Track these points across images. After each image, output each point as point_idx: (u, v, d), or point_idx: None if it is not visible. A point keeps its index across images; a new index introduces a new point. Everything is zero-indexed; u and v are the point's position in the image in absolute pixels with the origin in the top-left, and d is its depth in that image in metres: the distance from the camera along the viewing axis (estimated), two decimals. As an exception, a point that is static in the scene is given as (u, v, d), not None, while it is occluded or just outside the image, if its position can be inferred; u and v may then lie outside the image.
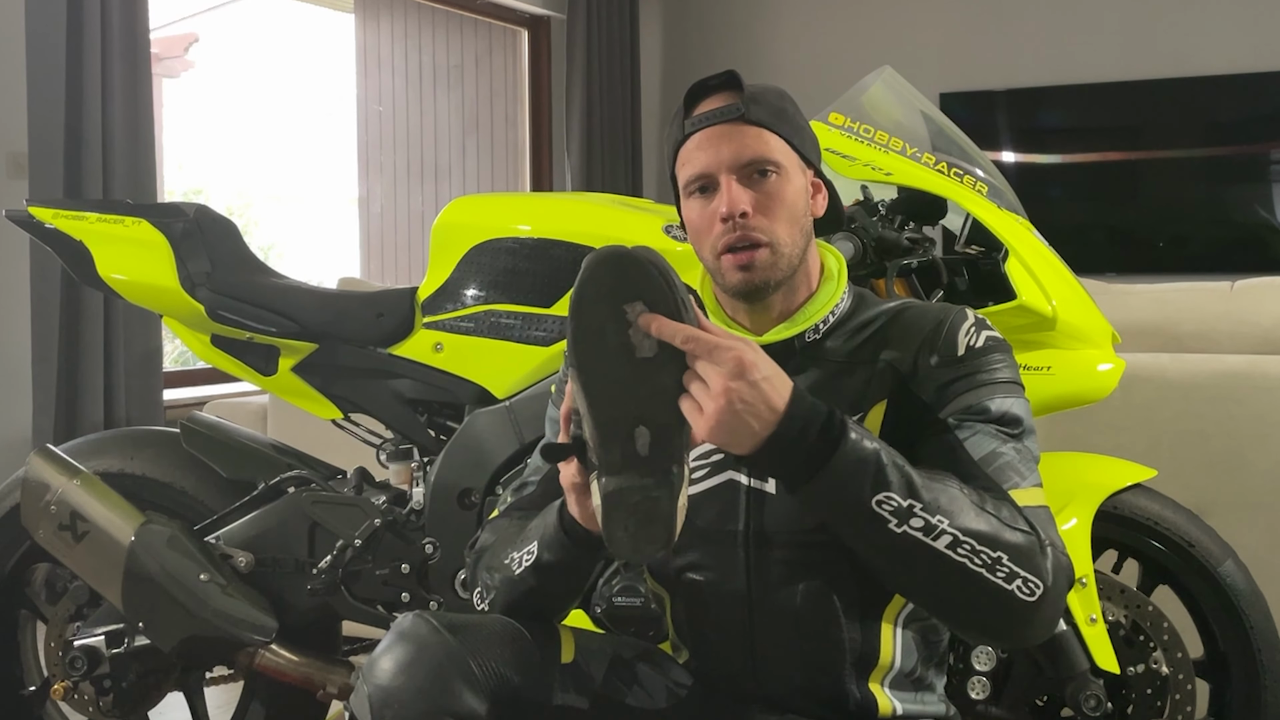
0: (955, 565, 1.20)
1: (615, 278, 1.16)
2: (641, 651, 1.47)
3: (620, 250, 1.17)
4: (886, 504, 1.19)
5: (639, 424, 1.17)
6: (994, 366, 1.36)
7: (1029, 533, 1.24)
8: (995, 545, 1.21)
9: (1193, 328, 2.64)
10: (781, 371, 1.20)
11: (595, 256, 1.17)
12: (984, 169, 1.99)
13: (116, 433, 2.24)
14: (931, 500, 1.20)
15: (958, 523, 1.20)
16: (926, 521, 1.19)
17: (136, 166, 3.86)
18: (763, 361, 1.17)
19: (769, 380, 1.17)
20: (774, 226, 1.37)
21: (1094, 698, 1.82)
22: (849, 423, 1.20)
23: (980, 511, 1.22)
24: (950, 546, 1.19)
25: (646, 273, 1.16)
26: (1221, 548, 1.92)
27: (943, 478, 1.24)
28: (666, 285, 1.16)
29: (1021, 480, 1.30)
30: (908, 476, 1.20)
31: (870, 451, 1.19)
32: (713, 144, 1.38)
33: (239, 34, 7.65)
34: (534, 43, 6.28)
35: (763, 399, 1.16)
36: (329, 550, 2.01)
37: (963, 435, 1.32)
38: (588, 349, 1.17)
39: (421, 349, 2.02)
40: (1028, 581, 1.21)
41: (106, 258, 2.07)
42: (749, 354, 1.16)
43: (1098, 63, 6.10)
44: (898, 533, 1.19)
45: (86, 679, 2.01)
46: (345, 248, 6.11)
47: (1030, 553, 1.23)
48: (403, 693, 1.28)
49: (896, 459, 1.21)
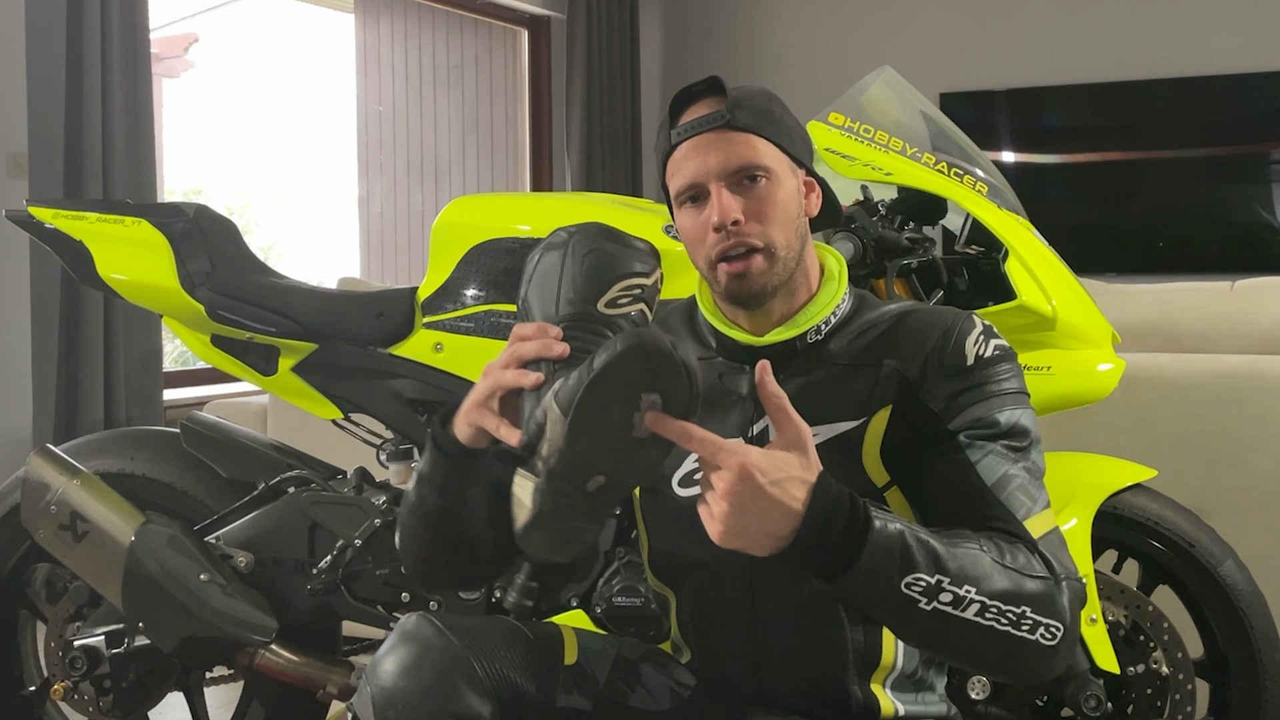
0: (983, 629, 1.20)
1: (644, 370, 1.12)
2: (644, 653, 1.47)
3: (657, 345, 1.12)
4: (916, 585, 1.17)
5: (602, 475, 1.17)
6: (1002, 377, 1.36)
7: (1046, 577, 1.24)
8: (1019, 601, 1.21)
9: (1193, 328, 2.64)
10: (799, 471, 1.15)
11: (635, 343, 1.11)
12: (984, 169, 1.99)
13: (116, 433, 2.24)
14: (958, 570, 1.19)
15: (984, 589, 1.19)
16: (955, 595, 1.18)
17: (136, 166, 3.86)
18: (772, 466, 1.13)
19: (779, 485, 1.13)
20: (767, 231, 1.36)
21: (1094, 698, 1.82)
22: (872, 511, 1.18)
23: (1002, 569, 1.22)
24: (979, 614, 1.19)
25: (676, 372, 1.12)
26: (1221, 548, 1.92)
27: (961, 537, 1.23)
28: (690, 391, 1.13)
29: (1033, 505, 1.30)
30: (933, 551, 1.19)
31: (895, 534, 1.17)
32: (700, 153, 1.37)
33: (239, 34, 7.65)
34: (534, 43, 6.28)
35: (773, 505, 1.13)
36: (329, 550, 2.01)
37: (974, 457, 1.31)
38: (589, 413, 1.14)
39: (421, 349, 2.02)
40: (1049, 628, 1.22)
41: (106, 258, 2.07)
42: (754, 459, 1.13)
43: (1098, 63, 6.10)
44: (928, 610, 1.18)
45: (86, 679, 2.01)
46: (345, 248, 6.11)
47: (1049, 598, 1.23)
48: (406, 694, 1.28)
49: (919, 534, 1.19)
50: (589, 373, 1.12)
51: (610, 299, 1.27)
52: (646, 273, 1.32)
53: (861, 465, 1.38)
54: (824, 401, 1.39)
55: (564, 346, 1.23)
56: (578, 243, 1.31)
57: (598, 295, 1.27)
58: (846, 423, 1.38)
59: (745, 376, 1.42)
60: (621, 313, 1.28)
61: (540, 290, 1.30)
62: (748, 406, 1.41)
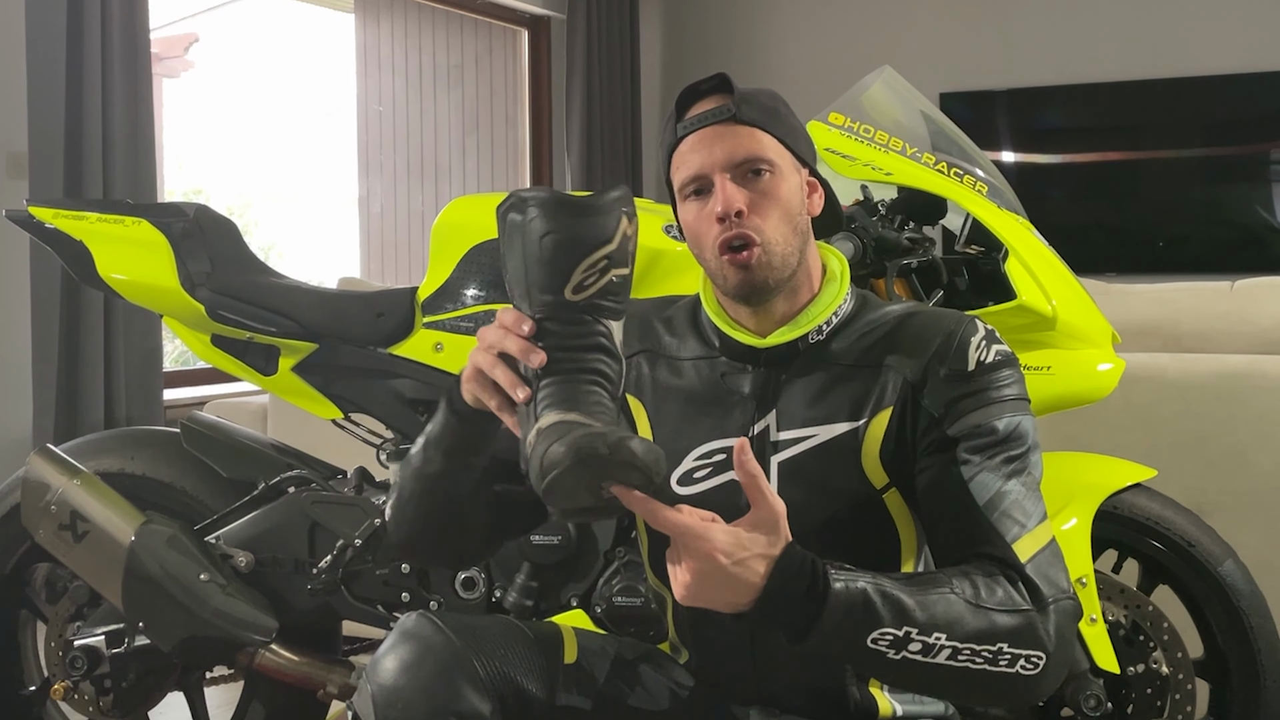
0: (958, 670, 1.22)
1: (592, 475, 1.13)
2: (643, 652, 1.47)
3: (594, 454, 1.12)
4: (882, 639, 1.20)
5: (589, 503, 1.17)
6: (1003, 383, 1.36)
7: (1026, 609, 1.25)
8: (995, 639, 1.23)
9: (1193, 328, 2.64)
10: (764, 548, 1.18)
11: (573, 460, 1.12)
12: (984, 169, 1.99)
13: (116, 433, 2.24)
14: (927, 620, 1.21)
15: (956, 633, 1.22)
16: (924, 643, 1.21)
17: (136, 166, 3.86)
18: (737, 548, 1.16)
19: (742, 564, 1.17)
20: (769, 225, 1.37)
21: (1094, 698, 1.82)
22: (832, 575, 1.20)
23: (976, 609, 1.23)
24: (951, 657, 1.22)
25: (624, 470, 1.13)
26: (1221, 548, 1.92)
27: (934, 582, 1.24)
28: (644, 479, 1.14)
29: (1027, 521, 1.30)
30: (899, 605, 1.21)
31: (857, 594, 1.20)
32: (706, 145, 1.38)
33: (239, 34, 7.65)
34: (534, 43, 6.28)
35: (735, 580, 1.17)
36: (329, 550, 2.01)
37: (968, 474, 1.32)
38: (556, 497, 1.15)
39: (422, 349, 2.02)
40: (1030, 658, 1.24)
41: (106, 258, 2.07)
42: (719, 543, 1.16)
43: (1098, 63, 6.10)
44: (897, 659, 1.21)
45: (86, 679, 2.01)
46: (345, 248, 6.10)
47: (1029, 630, 1.24)
48: (407, 692, 1.29)
49: (886, 588, 1.21)
50: (541, 478, 1.14)
51: (576, 284, 1.23)
52: (609, 237, 1.24)
53: (861, 467, 1.38)
54: (824, 402, 1.39)
55: (541, 356, 1.21)
56: (533, 225, 1.23)
57: (562, 284, 1.23)
58: (847, 424, 1.38)
59: (748, 376, 1.42)
60: (591, 293, 1.23)
61: (514, 280, 1.27)
62: (749, 406, 1.41)
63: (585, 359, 1.23)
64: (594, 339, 1.24)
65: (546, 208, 1.23)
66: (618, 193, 1.27)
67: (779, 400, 1.41)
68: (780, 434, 1.40)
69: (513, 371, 1.24)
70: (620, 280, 1.26)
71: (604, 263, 1.23)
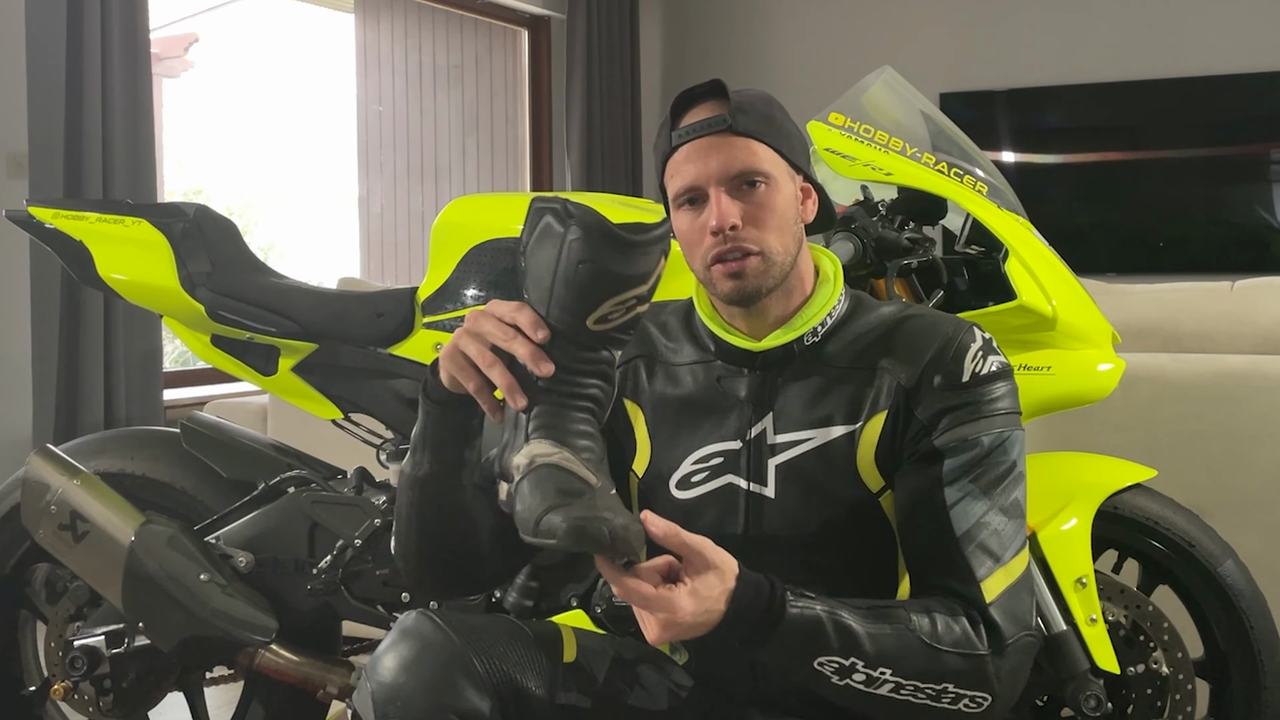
0: (899, 702, 1.27)
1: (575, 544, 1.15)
2: (643, 653, 1.47)
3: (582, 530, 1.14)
4: (828, 665, 1.25)
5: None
6: (995, 396, 1.36)
7: (980, 653, 1.28)
8: (941, 678, 1.26)
9: (1193, 328, 2.64)
10: (719, 587, 1.21)
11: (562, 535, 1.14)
12: (984, 169, 1.99)
13: (116, 433, 2.24)
14: (876, 653, 1.25)
15: (902, 669, 1.25)
16: (868, 675, 1.25)
17: (136, 166, 3.86)
18: (698, 604, 1.19)
19: (704, 610, 1.20)
20: (764, 236, 1.37)
21: (1094, 698, 1.82)
22: (793, 599, 1.24)
23: (929, 650, 1.26)
24: (893, 691, 1.26)
25: (600, 544, 1.14)
26: (1221, 548, 1.92)
27: (892, 618, 1.27)
28: (620, 554, 1.16)
29: (1002, 555, 1.32)
30: (851, 635, 1.25)
31: (810, 620, 1.24)
32: (701, 156, 1.37)
33: (239, 34, 7.65)
34: (534, 43, 6.28)
35: (701, 625, 1.21)
36: (329, 550, 2.01)
37: (950, 498, 1.33)
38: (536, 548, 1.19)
39: (422, 349, 2.02)
40: (975, 699, 1.28)
41: (106, 258, 2.07)
42: (683, 609, 1.18)
43: (1098, 63, 6.10)
44: (840, 684, 1.26)
45: (86, 679, 2.01)
46: (345, 248, 6.11)
47: (977, 673, 1.28)
48: (406, 690, 1.29)
49: (841, 618, 1.25)
50: (529, 531, 1.16)
51: (600, 315, 1.21)
52: (644, 278, 1.22)
53: (856, 470, 1.38)
54: (820, 405, 1.39)
55: (550, 367, 1.20)
56: (572, 246, 1.19)
57: (587, 312, 1.20)
58: (842, 427, 1.39)
59: (744, 380, 1.42)
60: (612, 327, 1.22)
61: (534, 281, 1.24)
62: (745, 410, 1.42)
63: (585, 385, 1.23)
64: (599, 366, 1.23)
65: (590, 234, 1.19)
66: (659, 231, 1.22)
67: (776, 403, 1.41)
68: (778, 437, 1.40)
69: (510, 375, 1.23)
70: (641, 314, 1.25)
71: (632, 301, 1.22)
